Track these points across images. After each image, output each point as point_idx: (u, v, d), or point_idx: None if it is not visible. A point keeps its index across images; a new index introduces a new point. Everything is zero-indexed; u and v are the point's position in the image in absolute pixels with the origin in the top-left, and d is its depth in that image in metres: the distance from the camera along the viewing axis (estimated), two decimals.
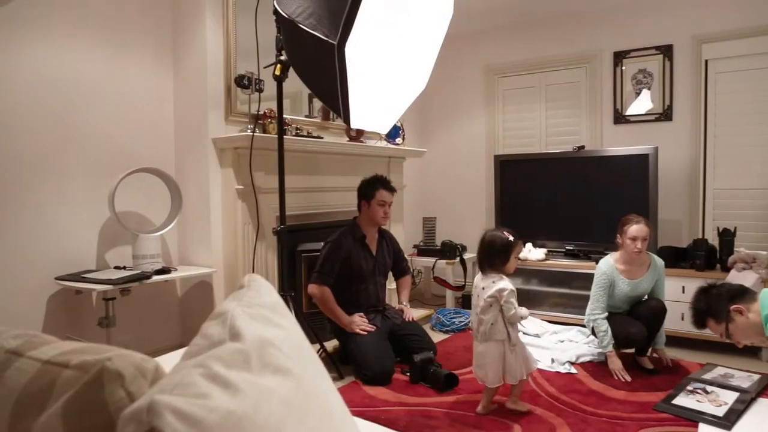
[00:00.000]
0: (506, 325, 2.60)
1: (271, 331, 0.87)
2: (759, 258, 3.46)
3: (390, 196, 3.37)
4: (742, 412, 2.62)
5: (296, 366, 0.84)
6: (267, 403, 0.70)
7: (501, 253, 2.64)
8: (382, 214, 3.34)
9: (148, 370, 0.71)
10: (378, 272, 3.44)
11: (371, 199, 3.33)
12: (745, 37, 4.05)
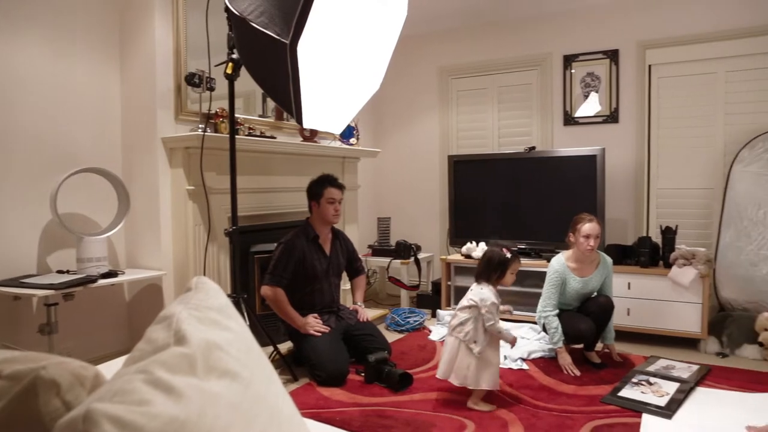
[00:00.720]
0: (480, 332, 2.69)
1: (219, 334, 0.85)
2: (698, 254, 3.62)
3: (339, 193, 3.35)
4: (683, 401, 2.73)
5: (244, 369, 0.82)
6: (213, 407, 0.69)
7: (498, 269, 2.81)
8: (333, 211, 3.32)
9: (86, 377, 0.68)
10: (332, 272, 3.42)
11: (320, 198, 3.31)
12: (685, 44, 4.23)
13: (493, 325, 2.68)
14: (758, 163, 3.88)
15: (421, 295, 4.72)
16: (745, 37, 4.04)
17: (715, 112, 4.17)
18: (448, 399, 2.82)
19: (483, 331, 2.70)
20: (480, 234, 4.51)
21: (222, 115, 3.27)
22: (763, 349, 3.45)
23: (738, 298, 3.84)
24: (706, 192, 4.21)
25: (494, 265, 2.81)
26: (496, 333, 2.69)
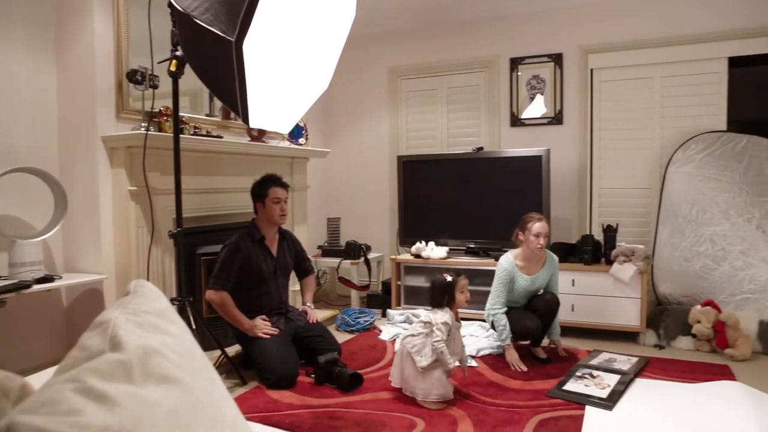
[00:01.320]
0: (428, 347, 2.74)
1: (158, 339, 0.83)
2: (637, 251, 3.77)
3: (284, 192, 3.31)
4: (623, 392, 2.84)
5: (185, 374, 0.80)
6: (149, 415, 0.66)
7: (445, 294, 2.87)
8: (279, 211, 3.27)
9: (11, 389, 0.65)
10: (279, 273, 3.37)
11: (265, 198, 3.26)
12: (624, 49, 4.39)
13: (437, 342, 2.72)
14: (691, 164, 4.07)
15: (372, 295, 4.73)
16: (679, 45, 4.23)
17: (652, 115, 4.35)
18: (399, 398, 2.83)
19: (431, 347, 2.74)
20: (429, 234, 4.56)
21: (166, 114, 3.18)
22: (696, 340, 3.62)
23: (674, 293, 4.02)
24: (644, 191, 4.39)
25: (439, 292, 2.88)
26: (438, 352, 2.72)
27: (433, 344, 2.72)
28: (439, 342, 2.72)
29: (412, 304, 4.43)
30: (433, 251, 4.37)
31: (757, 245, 3.84)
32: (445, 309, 2.86)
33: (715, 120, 4.16)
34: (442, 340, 2.73)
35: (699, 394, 2.81)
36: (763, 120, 4.42)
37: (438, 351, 2.71)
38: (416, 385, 2.74)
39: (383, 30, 5.20)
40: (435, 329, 2.75)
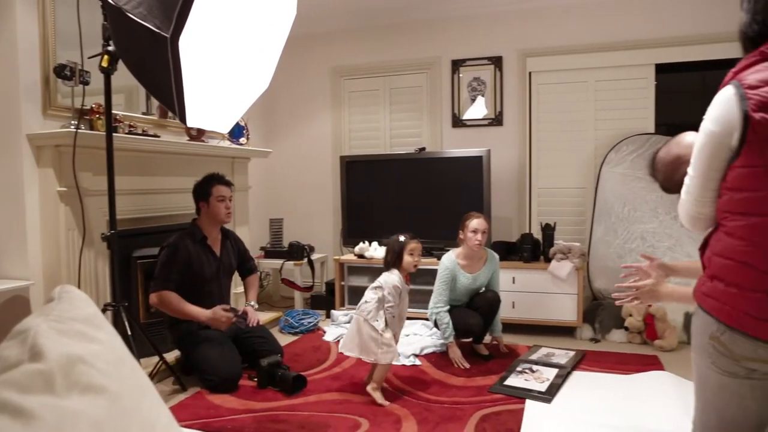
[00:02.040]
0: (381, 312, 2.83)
1: (84, 347, 0.79)
2: (573, 249, 3.90)
3: (228, 191, 3.24)
4: (561, 385, 2.94)
5: (112, 382, 0.77)
6: (72, 427, 0.63)
7: (395, 253, 2.96)
8: (224, 210, 3.20)
9: None
10: (222, 274, 3.30)
11: (209, 197, 3.18)
12: (562, 54, 4.54)
13: (391, 308, 2.83)
14: (623, 164, 4.25)
15: (315, 296, 4.69)
16: (611, 51, 4.41)
17: (586, 117, 4.51)
18: (343, 399, 2.82)
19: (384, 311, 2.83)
20: (373, 234, 4.56)
21: (98, 111, 3.05)
22: (628, 333, 3.79)
23: (608, 288, 4.18)
24: (580, 191, 4.55)
25: (393, 252, 2.96)
26: (389, 316, 2.82)
27: (385, 308, 2.83)
28: (392, 307, 2.83)
29: (356, 305, 4.41)
30: (376, 251, 4.38)
31: (683, 241, 4.05)
32: (394, 270, 2.93)
33: (644, 123, 4.36)
34: (394, 305, 2.84)
35: (631, 384, 2.95)
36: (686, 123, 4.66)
37: (388, 316, 2.82)
38: (378, 351, 2.78)
39: (326, 29, 5.17)
40: (386, 293, 2.83)
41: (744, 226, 1.20)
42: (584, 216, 4.50)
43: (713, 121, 1.24)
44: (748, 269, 1.20)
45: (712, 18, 4.15)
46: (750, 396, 1.26)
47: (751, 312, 1.19)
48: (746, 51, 1.29)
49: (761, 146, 1.16)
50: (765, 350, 1.19)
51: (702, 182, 1.30)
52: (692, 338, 1.38)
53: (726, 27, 4.08)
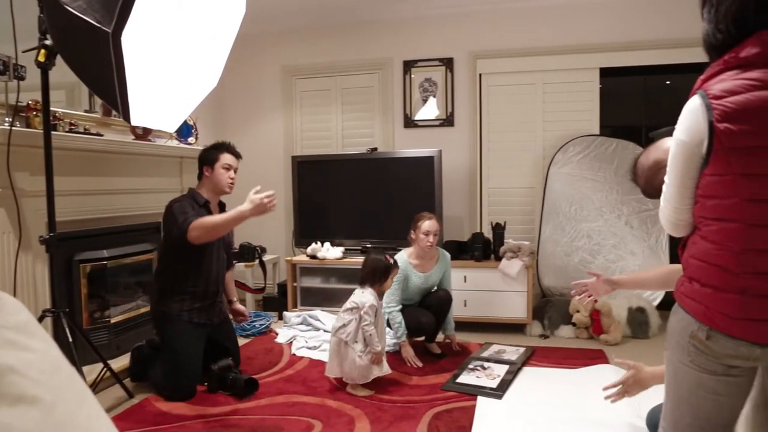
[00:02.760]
0: (360, 333, 2.90)
1: (15, 356, 0.75)
2: (523, 248, 3.99)
3: (235, 161, 3.13)
4: (511, 381, 2.99)
5: (47, 392, 0.73)
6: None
7: (382, 275, 3.06)
8: (228, 179, 3.08)
9: None
10: (221, 245, 3.14)
11: (215, 162, 3.04)
12: (511, 56, 4.63)
13: (367, 326, 2.88)
14: (570, 165, 4.37)
15: (267, 298, 4.63)
16: (558, 55, 4.53)
17: (535, 118, 4.62)
18: (296, 401, 2.80)
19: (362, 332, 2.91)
20: (325, 234, 4.54)
21: (35, 108, 2.91)
22: (575, 329, 3.90)
23: (556, 285, 4.30)
24: (529, 191, 4.65)
25: (380, 272, 3.05)
26: (368, 336, 2.88)
27: (362, 328, 2.88)
28: (369, 326, 2.88)
29: (309, 306, 4.39)
30: (328, 252, 4.36)
31: (626, 239, 4.20)
32: (367, 288, 3.02)
33: (590, 125, 4.50)
34: (371, 323, 2.89)
35: (578, 378, 3.03)
36: (629, 125, 4.84)
37: (367, 335, 2.87)
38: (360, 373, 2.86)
39: (277, 28, 5.11)
40: (363, 314, 2.89)
41: (717, 231, 1.23)
42: (533, 215, 4.61)
43: (683, 131, 1.26)
44: (721, 271, 1.23)
45: (653, 25, 4.33)
46: (725, 392, 1.30)
47: (726, 312, 1.23)
48: (711, 59, 1.31)
49: (727, 155, 1.18)
50: (746, 348, 1.23)
51: (678, 190, 1.31)
52: (669, 336, 1.40)
53: (667, 34, 4.26)
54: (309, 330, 4.00)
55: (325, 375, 3.06)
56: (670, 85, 4.83)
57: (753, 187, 1.17)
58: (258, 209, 2.75)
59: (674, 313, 1.39)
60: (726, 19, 1.23)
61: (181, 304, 2.95)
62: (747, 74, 1.18)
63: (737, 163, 1.18)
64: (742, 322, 1.21)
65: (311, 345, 3.67)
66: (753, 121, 1.15)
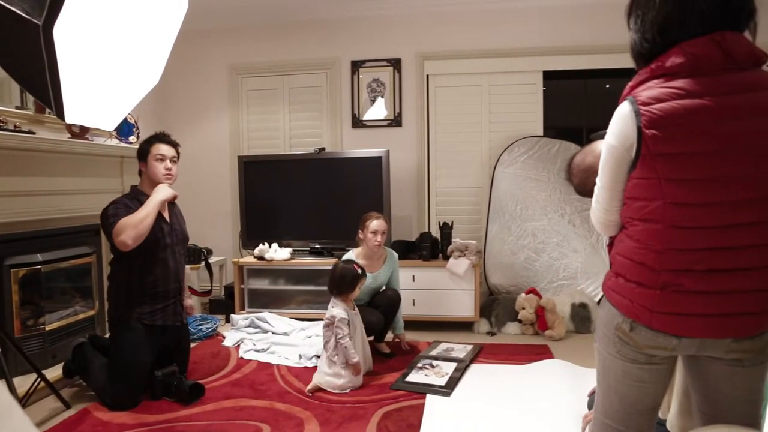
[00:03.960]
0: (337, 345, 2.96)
1: None
2: (470, 247, 4.05)
3: (170, 150, 2.97)
4: (460, 378, 3.03)
5: None
6: None
7: (349, 286, 3.09)
8: (163, 170, 2.91)
9: None
10: (176, 239, 2.99)
11: (147, 155, 2.91)
12: (458, 58, 4.70)
13: (341, 338, 2.93)
14: (515, 165, 4.47)
15: (214, 301, 4.53)
16: (504, 57, 4.62)
17: (481, 119, 4.70)
18: (244, 406, 2.74)
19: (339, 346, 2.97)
20: (273, 235, 4.48)
21: None
22: (521, 325, 3.99)
23: (503, 283, 4.39)
24: (476, 191, 4.73)
25: (348, 282, 3.08)
26: (343, 348, 2.92)
27: (338, 341, 2.92)
28: (343, 338, 2.92)
29: (256, 308, 4.32)
30: (276, 253, 4.31)
31: (569, 237, 4.32)
32: (336, 302, 3.06)
33: (534, 126, 4.62)
34: (345, 336, 2.93)
35: (525, 374, 3.10)
36: (572, 127, 4.99)
37: (342, 347, 2.90)
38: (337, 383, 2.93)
39: (223, 26, 5.00)
40: (335, 328, 2.95)
41: (641, 231, 1.29)
42: (480, 215, 4.68)
43: (614, 135, 1.30)
44: (643, 268, 1.29)
45: (594, 31, 4.49)
46: (648, 380, 1.37)
47: (647, 305, 1.29)
48: (638, 66, 1.35)
49: (654, 160, 1.23)
50: (663, 339, 1.30)
51: (609, 193, 1.36)
52: (597, 328, 1.47)
53: (606, 40, 4.42)
54: (257, 332, 3.94)
55: (275, 378, 3.02)
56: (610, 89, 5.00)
57: (675, 191, 1.23)
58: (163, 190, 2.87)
59: (602, 306, 1.46)
60: (652, 29, 1.28)
61: (141, 308, 2.84)
62: (672, 83, 1.23)
63: (662, 168, 1.23)
64: (661, 316, 1.28)
65: (259, 348, 3.61)
66: (677, 129, 1.20)
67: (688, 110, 1.20)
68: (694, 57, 1.22)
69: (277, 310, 4.24)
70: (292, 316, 4.19)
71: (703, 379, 1.41)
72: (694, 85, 1.21)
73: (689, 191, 1.22)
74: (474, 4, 4.62)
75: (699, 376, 1.42)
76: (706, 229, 1.23)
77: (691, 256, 1.25)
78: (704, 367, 1.39)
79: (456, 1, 4.63)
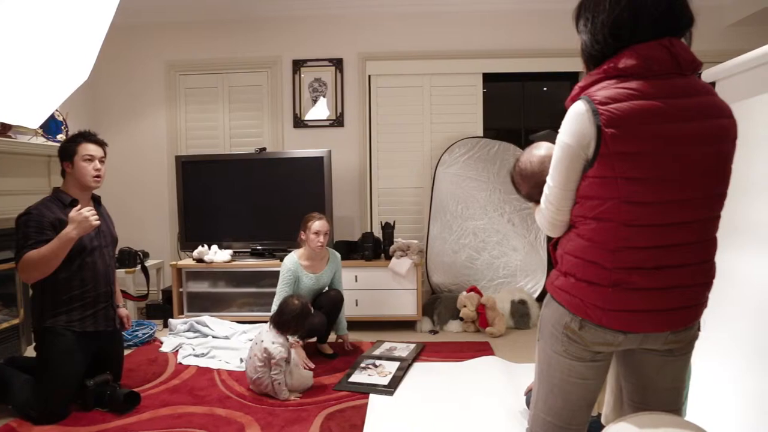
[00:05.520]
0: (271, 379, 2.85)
1: None
2: (412, 246, 4.09)
3: (99, 150, 2.82)
4: (403, 377, 3.05)
5: None
6: None
7: (299, 322, 2.94)
8: (92, 171, 2.77)
9: None
10: (104, 241, 2.84)
11: (74, 155, 2.73)
12: (399, 59, 4.73)
13: (278, 375, 2.81)
14: (456, 165, 4.54)
15: (151, 305, 4.38)
16: (445, 59, 4.69)
17: (422, 120, 4.75)
18: (182, 413, 2.66)
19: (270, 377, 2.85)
20: (213, 237, 4.38)
21: None
22: (463, 323, 4.06)
23: (445, 282, 4.45)
24: (418, 191, 4.78)
25: (295, 319, 2.92)
26: (276, 384, 2.81)
27: (272, 376, 2.82)
28: (278, 375, 2.81)
29: (196, 312, 4.21)
30: (216, 255, 4.21)
31: (509, 236, 4.44)
32: (279, 336, 2.89)
33: (474, 127, 4.71)
34: (281, 373, 2.82)
35: (466, 371, 3.16)
36: (510, 128, 5.12)
37: (276, 383, 2.81)
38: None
39: (160, 21, 4.84)
40: (274, 365, 2.82)
41: (594, 229, 1.31)
42: (422, 214, 4.73)
43: (569, 135, 1.30)
44: (595, 267, 1.31)
45: (532, 36, 4.63)
46: (591, 376, 1.41)
47: (598, 304, 1.32)
48: (589, 69, 1.37)
49: (612, 159, 1.24)
50: (611, 335, 1.34)
51: (562, 192, 1.36)
52: (542, 328, 1.48)
53: (544, 44, 4.56)
54: (197, 337, 3.83)
55: (215, 383, 2.96)
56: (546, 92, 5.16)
57: (630, 189, 1.25)
58: (82, 226, 2.56)
59: (547, 305, 1.47)
60: (603, 31, 1.30)
61: (69, 315, 2.69)
62: (626, 84, 1.25)
63: (620, 167, 1.24)
64: (612, 313, 1.31)
65: (199, 352, 3.52)
66: (635, 128, 1.23)
67: (644, 111, 1.23)
68: (647, 59, 1.25)
69: (218, 314, 4.15)
70: (233, 320, 4.11)
71: (638, 371, 1.47)
72: (647, 86, 1.24)
73: (644, 190, 1.25)
74: (416, 6, 4.67)
75: (633, 368, 1.48)
76: (657, 227, 1.27)
77: (643, 254, 1.28)
78: (639, 360, 1.45)
79: (398, 3, 4.66)
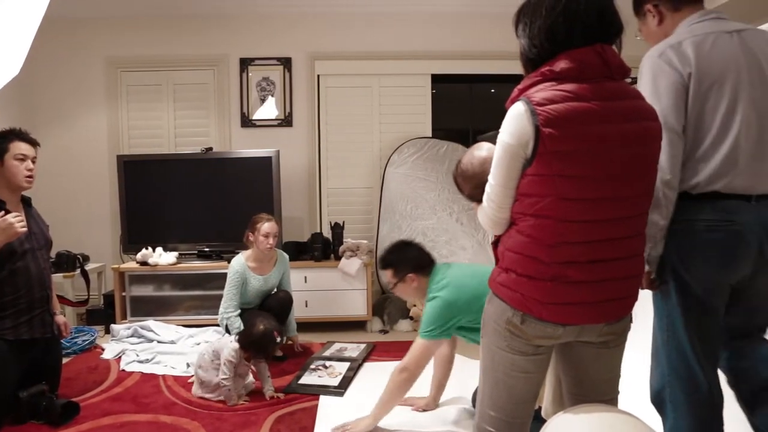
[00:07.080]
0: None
1: None
2: (362, 246, 4.10)
3: (31, 150, 2.69)
4: (353, 377, 3.06)
5: None
6: None
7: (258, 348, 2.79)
8: (25, 171, 2.64)
9: None
10: (36, 243, 2.69)
11: (4, 154, 2.59)
12: (348, 59, 4.73)
13: (227, 380, 2.73)
14: (405, 165, 4.58)
15: (92, 311, 4.22)
16: (394, 60, 4.72)
17: (371, 120, 4.77)
18: (125, 422, 2.58)
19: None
20: (158, 238, 4.26)
21: None
22: (413, 322, 4.09)
23: None
24: (367, 191, 4.79)
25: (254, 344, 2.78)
26: (225, 391, 2.75)
27: (220, 381, 2.74)
28: (227, 380, 2.73)
29: (140, 316, 4.08)
30: (161, 257, 4.09)
31: (457, 235, 4.50)
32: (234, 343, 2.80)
33: (423, 127, 4.76)
34: (230, 378, 2.73)
35: None
36: (459, 129, 5.21)
37: (225, 389, 2.74)
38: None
39: (100, 15, 4.66)
40: (222, 365, 2.74)
41: (533, 226, 1.35)
42: (371, 214, 4.75)
43: (509, 134, 1.34)
44: (535, 262, 1.36)
45: (480, 38, 4.71)
46: (534, 370, 1.45)
47: (538, 298, 1.36)
48: (527, 71, 1.42)
49: (549, 158, 1.29)
50: (551, 328, 1.38)
51: (503, 190, 1.39)
52: (485, 324, 1.50)
53: (491, 47, 4.63)
54: (141, 342, 3.71)
55: (160, 389, 2.89)
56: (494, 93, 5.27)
57: (566, 186, 1.31)
58: (6, 233, 2.43)
59: (489, 301, 1.51)
60: (539, 36, 1.36)
61: (2, 323, 2.54)
62: (562, 86, 1.31)
63: (557, 165, 1.30)
64: (551, 306, 1.36)
65: (143, 358, 3.41)
66: (570, 128, 1.29)
67: (578, 111, 1.29)
68: (581, 63, 1.31)
69: (163, 318, 4.03)
70: (179, 323, 4.00)
71: (575, 363, 1.52)
72: (581, 89, 1.31)
73: (579, 187, 1.31)
74: (364, 7, 4.68)
75: (571, 360, 1.53)
76: (591, 223, 1.33)
77: (578, 249, 1.34)
78: (575, 352, 1.50)
79: (346, 3, 4.66)
